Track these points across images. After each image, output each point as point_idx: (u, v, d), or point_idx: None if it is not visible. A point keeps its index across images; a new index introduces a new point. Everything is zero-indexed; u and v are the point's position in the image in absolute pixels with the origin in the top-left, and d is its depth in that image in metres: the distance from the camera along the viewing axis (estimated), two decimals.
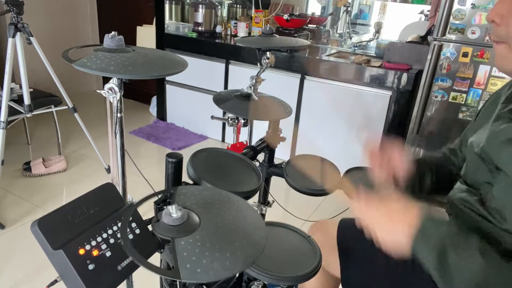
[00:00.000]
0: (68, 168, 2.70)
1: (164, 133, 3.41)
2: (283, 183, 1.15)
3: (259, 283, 0.89)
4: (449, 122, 2.36)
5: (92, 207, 0.64)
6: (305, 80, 2.80)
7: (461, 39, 2.23)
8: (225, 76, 3.14)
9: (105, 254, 0.60)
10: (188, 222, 0.63)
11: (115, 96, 0.94)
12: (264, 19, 3.19)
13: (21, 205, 2.25)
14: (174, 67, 0.89)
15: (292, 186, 1.13)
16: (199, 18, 3.26)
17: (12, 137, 2.89)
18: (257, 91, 1.39)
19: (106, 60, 0.83)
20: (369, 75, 2.56)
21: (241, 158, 1.03)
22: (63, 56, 0.87)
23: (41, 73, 2.81)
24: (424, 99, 2.38)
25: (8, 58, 2.07)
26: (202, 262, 0.57)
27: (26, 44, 2.12)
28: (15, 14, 2.03)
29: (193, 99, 3.37)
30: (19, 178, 2.54)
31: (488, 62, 2.19)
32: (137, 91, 4.13)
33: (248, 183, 0.92)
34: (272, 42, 1.33)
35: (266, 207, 1.38)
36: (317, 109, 2.83)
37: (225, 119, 1.27)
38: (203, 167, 0.90)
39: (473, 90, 2.27)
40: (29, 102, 2.21)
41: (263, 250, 0.61)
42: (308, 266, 0.84)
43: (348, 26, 3.30)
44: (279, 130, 1.31)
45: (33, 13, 3.48)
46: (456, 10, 2.20)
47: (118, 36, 0.89)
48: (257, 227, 0.67)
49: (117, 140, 1.02)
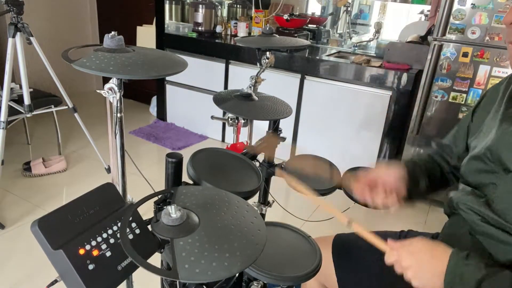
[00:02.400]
0: (68, 168, 2.70)
1: (164, 133, 3.41)
2: (283, 183, 1.15)
3: (259, 283, 0.89)
4: (449, 122, 2.36)
5: (92, 207, 0.64)
6: (305, 80, 2.80)
7: (461, 39, 2.23)
8: (225, 76, 3.14)
9: (105, 254, 0.60)
10: (188, 222, 0.63)
11: (115, 96, 0.94)
12: (264, 19, 3.19)
13: (21, 205, 2.25)
14: (174, 67, 0.89)
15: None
16: (199, 18, 3.26)
17: (12, 137, 2.89)
18: (257, 91, 1.39)
19: (106, 60, 0.83)
20: (369, 75, 2.56)
21: (241, 158, 1.03)
22: (63, 56, 0.87)
23: (41, 73, 2.82)
24: (424, 99, 2.39)
25: (8, 58, 2.07)
26: (201, 263, 0.57)
27: (26, 44, 2.12)
28: (15, 14, 2.03)
29: (193, 99, 3.37)
30: (19, 178, 2.54)
31: (488, 62, 2.19)
32: (137, 91, 4.13)
33: (248, 183, 0.92)
34: (272, 42, 1.33)
35: (266, 207, 1.38)
36: (317, 109, 2.83)
37: (225, 119, 1.27)
38: (203, 167, 0.90)
39: (473, 90, 2.27)
40: (29, 102, 2.21)
41: (263, 250, 0.61)
42: (308, 266, 0.84)
43: (348, 26, 3.30)
44: (279, 130, 1.31)
45: (33, 13, 3.48)
46: (456, 10, 2.20)
47: (118, 36, 0.89)
48: (257, 227, 0.67)
49: (117, 140, 1.02)
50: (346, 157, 2.77)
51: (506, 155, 0.78)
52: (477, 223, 0.81)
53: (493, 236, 0.78)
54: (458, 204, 0.88)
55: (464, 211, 0.85)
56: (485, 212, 0.80)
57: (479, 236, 0.82)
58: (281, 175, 1.00)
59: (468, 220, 0.85)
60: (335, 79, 2.69)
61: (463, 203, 0.86)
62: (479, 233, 0.82)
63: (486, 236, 0.80)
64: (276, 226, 1.00)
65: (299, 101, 2.86)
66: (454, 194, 0.91)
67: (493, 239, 0.79)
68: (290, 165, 1.20)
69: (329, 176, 1.18)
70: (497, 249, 0.78)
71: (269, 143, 1.23)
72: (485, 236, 0.80)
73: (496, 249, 0.78)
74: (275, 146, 1.26)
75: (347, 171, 1.21)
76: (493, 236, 0.78)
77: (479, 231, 0.82)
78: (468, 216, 0.84)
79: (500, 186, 0.79)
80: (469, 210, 0.84)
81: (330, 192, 1.13)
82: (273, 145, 1.26)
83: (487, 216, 0.79)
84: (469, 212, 0.84)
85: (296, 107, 2.88)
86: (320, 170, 1.21)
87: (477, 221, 0.81)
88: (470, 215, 0.84)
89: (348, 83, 2.66)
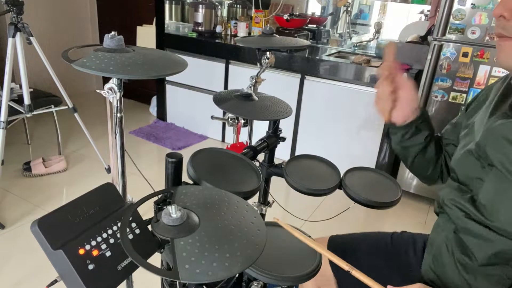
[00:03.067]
0: (68, 168, 2.70)
1: (164, 133, 3.41)
2: (283, 183, 1.15)
3: (259, 283, 0.89)
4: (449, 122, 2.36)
5: (92, 207, 0.64)
6: (305, 80, 2.80)
7: (461, 39, 2.23)
8: (225, 76, 3.14)
9: (105, 254, 0.60)
10: (188, 222, 0.63)
11: (115, 96, 0.94)
12: (264, 19, 3.19)
13: (21, 205, 2.25)
14: (174, 67, 0.89)
15: (292, 186, 1.13)
16: (199, 18, 3.26)
17: (12, 137, 2.89)
18: (257, 91, 1.39)
19: (106, 60, 0.83)
20: (369, 75, 2.56)
21: (241, 158, 1.03)
22: (63, 56, 0.87)
23: (41, 73, 2.82)
24: (424, 99, 2.39)
25: (8, 58, 2.07)
26: (201, 263, 0.57)
27: (26, 44, 2.12)
28: (15, 14, 2.03)
29: (193, 99, 3.37)
30: (19, 178, 2.54)
31: (488, 62, 2.19)
32: (137, 91, 4.13)
33: (248, 183, 0.92)
34: (272, 42, 1.33)
35: (266, 207, 1.38)
36: (317, 109, 2.83)
37: (225, 119, 1.27)
38: (203, 167, 0.90)
39: (473, 90, 2.27)
40: (29, 102, 2.21)
41: (263, 251, 0.61)
42: (308, 266, 0.84)
43: (348, 26, 3.30)
44: (279, 130, 1.31)
45: (33, 13, 3.48)
46: (456, 10, 2.20)
47: (118, 36, 0.89)
48: (257, 227, 0.67)
49: (117, 140, 1.02)
50: (346, 157, 2.77)
51: (490, 149, 0.78)
52: (461, 219, 0.82)
53: (475, 233, 0.79)
54: (444, 200, 0.88)
55: (449, 207, 0.86)
56: (469, 208, 0.80)
57: (462, 234, 0.83)
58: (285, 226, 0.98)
59: (453, 217, 0.85)
60: (335, 79, 2.69)
61: (449, 198, 0.86)
62: (462, 230, 0.82)
63: (467, 234, 0.81)
64: (276, 226, 1.00)
65: (299, 101, 2.86)
66: (442, 191, 0.92)
67: (475, 236, 0.79)
68: (290, 165, 1.20)
69: (329, 176, 1.18)
70: (478, 246, 0.79)
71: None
72: (467, 234, 0.81)
73: (477, 246, 0.79)
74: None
75: (347, 171, 1.21)
76: (474, 233, 0.79)
77: (462, 228, 0.82)
78: (453, 213, 0.84)
79: (486, 182, 0.79)
80: (453, 206, 0.84)
81: (330, 192, 1.13)
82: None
83: (470, 211, 0.80)
84: (453, 208, 0.84)
85: (296, 107, 2.88)
86: (320, 170, 1.21)
87: (461, 217, 0.82)
88: (454, 211, 0.84)
89: (348, 83, 2.66)
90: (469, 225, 0.80)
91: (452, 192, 0.87)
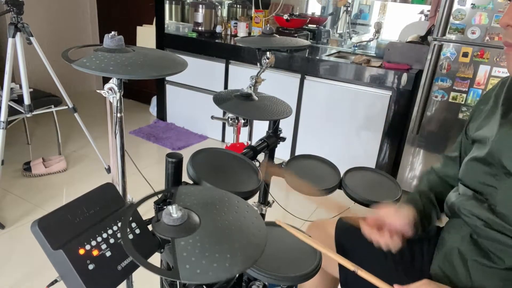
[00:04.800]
0: (68, 168, 2.70)
1: (164, 133, 3.41)
2: (283, 183, 1.15)
3: (259, 283, 0.89)
4: (449, 122, 2.36)
5: (92, 207, 0.64)
6: (305, 80, 2.80)
7: (461, 39, 2.23)
8: (225, 76, 3.14)
9: (105, 254, 0.60)
10: (188, 222, 0.63)
11: (115, 96, 0.94)
12: (264, 19, 3.19)
13: (21, 205, 2.25)
14: (174, 67, 0.89)
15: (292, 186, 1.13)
16: (199, 18, 3.26)
17: (12, 137, 2.89)
18: (257, 91, 1.39)
19: (106, 60, 0.83)
20: (369, 75, 2.56)
21: (241, 158, 1.03)
22: (63, 56, 0.87)
23: (41, 73, 2.81)
24: (424, 99, 2.38)
25: (8, 58, 2.07)
26: (202, 263, 0.57)
27: (26, 44, 2.12)
28: (15, 14, 2.03)
29: (193, 99, 3.37)
30: (19, 178, 2.53)
31: (488, 62, 2.19)
32: (137, 91, 4.13)
33: (248, 183, 0.92)
34: (272, 42, 1.33)
35: (266, 207, 1.38)
36: (317, 109, 2.83)
37: (225, 119, 1.27)
38: (203, 167, 0.90)
39: (473, 90, 2.27)
40: (29, 102, 2.21)
41: (263, 251, 0.61)
42: (308, 266, 0.84)
43: (348, 26, 3.30)
44: (279, 130, 1.31)
45: (33, 13, 3.48)
46: (456, 10, 2.20)
47: (118, 36, 0.89)
48: (257, 228, 0.67)
49: (117, 140, 1.02)
50: (346, 157, 2.77)
51: (507, 158, 0.77)
52: (481, 228, 0.81)
53: (499, 241, 0.78)
54: (460, 209, 0.87)
55: (466, 215, 0.84)
56: (489, 217, 0.79)
57: (483, 239, 0.82)
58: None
59: (471, 225, 0.84)
60: (335, 79, 2.69)
61: (464, 208, 0.85)
62: (483, 237, 0.81)
63: (491, 240, 0.80)
64: (276, 226, 1.00)
65: (299, 101, 2.86)
66: (455, 199, 0.90)
67: (500, 243, 0.78)
68: (290, 165, 1.21)
69: (329, 176, 1.18)
70: (505, 253, 0.78)
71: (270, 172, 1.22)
72: (491, 240, 0.80)
73: (504, 253, 0.78)
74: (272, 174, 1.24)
75: (347, 171, 1.21)
76: (499, 241, 0.78)
77: (483, 235, 0.81)
78: (471, 221, 0.83)
79: (501, 190, 0.78)
80: (471, 215, 0.83)
81: (330, 192, 1.13)
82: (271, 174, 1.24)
83: (491, 221, 0.79)
84: (471, 217, 0.83)
85: (296, 107, 2.88)
86: (320, 170, 1.21)
87: (480, 226, 0.81)
88: (472, 220, 0.83)
89: (348, 83, 2.66)
90: (491, 234, 0.79)
91: (468, 201, 0.85)
